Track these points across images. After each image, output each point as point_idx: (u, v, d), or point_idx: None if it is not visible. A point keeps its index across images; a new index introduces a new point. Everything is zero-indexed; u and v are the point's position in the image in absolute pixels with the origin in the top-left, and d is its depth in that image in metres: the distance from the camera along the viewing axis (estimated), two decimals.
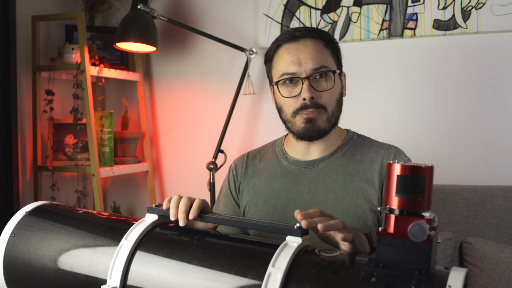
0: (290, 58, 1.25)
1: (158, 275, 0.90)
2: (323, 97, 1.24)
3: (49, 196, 2.30)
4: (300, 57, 1.24)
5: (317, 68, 1.23)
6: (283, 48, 1.28)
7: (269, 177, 1.34)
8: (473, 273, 1.81)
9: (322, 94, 1.24)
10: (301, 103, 1.24)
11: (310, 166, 1.31)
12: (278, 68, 1.28)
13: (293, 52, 1.25)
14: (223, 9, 2.49)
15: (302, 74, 1.23)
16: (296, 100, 1.25)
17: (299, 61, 1.24)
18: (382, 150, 1.30)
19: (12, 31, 2.17)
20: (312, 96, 1.22)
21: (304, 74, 1.23)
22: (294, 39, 1.26)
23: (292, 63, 1.24)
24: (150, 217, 1.01)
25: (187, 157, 2.58)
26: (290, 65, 1.24)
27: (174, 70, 2.60)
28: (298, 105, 1.24)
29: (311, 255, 0.85)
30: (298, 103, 1.24)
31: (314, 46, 1.26)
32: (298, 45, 1.25)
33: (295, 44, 1.26)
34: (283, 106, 1.28)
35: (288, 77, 1.25)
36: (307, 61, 1.23)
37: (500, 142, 2.10)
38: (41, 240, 1.03)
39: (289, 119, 1.28)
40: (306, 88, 1.22)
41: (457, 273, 0.74)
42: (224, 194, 1.43)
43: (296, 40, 1.26)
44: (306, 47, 1.25)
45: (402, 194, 0.75)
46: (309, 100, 1.22)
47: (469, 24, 2.10)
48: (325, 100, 1.25)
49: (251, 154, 1.44)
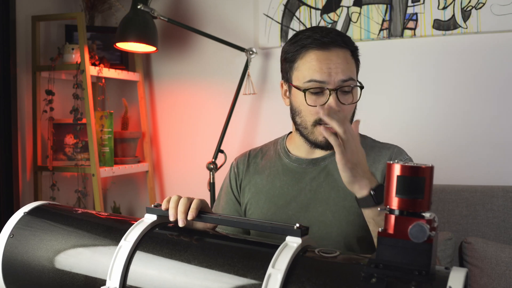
0: (320, 66, 1.23)
1: (157, 276, 0.90)
2: (345, 110, 1.24)
3: (49, 196, 2.30)
4: (330, 66, 1.22)
5: (345, 80, 1.23)
6: (312, 54, 1.25)
7: (270, 175, 1.35)
8: (473, 273, 1.81)
9: (345, 107, 1.24)
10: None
11: (313, 164, 1.31)
12: (305, 73, 1.25)
13: (324, 61, 1.23)
14: (223, 9, 2.49)
15: (330, 85, 1.22)
16: (319, 110, 1.23)
17: (329, 71, 1.22)
18: (384, 150, 1.31)
19: (12, 31, 2.17)
20: (338, 110, 1.21)
21: (333, 85, 1.22)
22: (324, 47, 1.24)
23: (322, 71, 1.22)
24: (149, 217, 1.01)
25: (187, 157, 2.58)
26: (319, 73, 1.22)
27: (174, 70, 2.60)
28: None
29: (311, 255, 0.85)
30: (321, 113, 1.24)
31: (344, 56, 1.24)
32: (329, 54, 1.23)
33: (325, 53, 1.24)
34: (303, 112, 1.27)
35: (316, 86, 1.23)
36: (338, 71, 1.22)
37: (501, 142, 2.09)
38: (40, 240, 1.03)
39: (307, 126, 1.27)
40: (333, 101, 1.21)
41: (458, 273, 0.74)
42: (225, 191, 1.43)
43: (326, 48, 1.24)
44: (337, 57, 1.23)
45: (402, 195, 0.75)
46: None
47: (469, 24, 2.09)
48: (347, 113, 1.25)
49: (253, 152, 1.44)
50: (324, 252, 0.86)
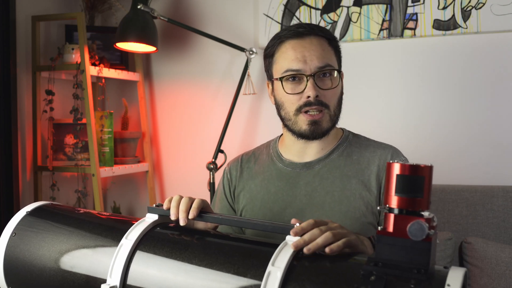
0: (295, 55, 1.23)
1: (158, 275, 0.90)
2: (326, 96, 1.24)
3: (49, 196, 2.30)
4: (305, 54, 1.23)
5: (322, 66, 1.23)
6: (287, 44, 1.26)
7: (264, 180, 1.32)
8: (473, 273, 1.81)
9: (326, 93, 1.23)
10: (305, 100, 1.22)
11: (306, 168, 1.29)
12: (282, 64, 1.26)
13: (298, 49, 1.23)
14: (223, 9, 2.49)
15: (307, 72, 1.22)
16: (299, 97, 1.23)
17: (304, 58, 1.22)
18: (379, 151, 1.29)
19: (12, 31, 2.17)
20: (317, 94, 1.21)
21: (309, 72, 1.22)
22: (299, 36, 1.25)
23: (297, 59, 1.23)
24: (150, 217, 1.02)
25: (187, 157, 2.59)
26: (295, 61, 1.23)
27: (174, 70, 2.60)
28: (301, 102, 1.23)
29: (310, 254, 0.85)
30: (301, 100, 1.23)
31: (319, 43, 1.25)
32: (303, 42, 1.24)
33: (299, 41, 1.24)
34: (285, 103, 1.27)
35: (293, 74, 1.23)
36: (313, 58, 1.22)
37: (500, 142, 2.10)
38: (42, 240, 1.03)
39: (290, 116, 1.26)
40: (311, 86, 1.21)
41: (456, 272, 0.75)
42: (219, 198, 1.41)
43: (300, 36, 1.25)
44: (311, 44, 1.24)
45: (402, 194, 0.75)
46: (314, 98, 1.21)
47: (469, 24, 2.10)
48: (329, 99, 1.24)
49: (245, 156, 1.42)
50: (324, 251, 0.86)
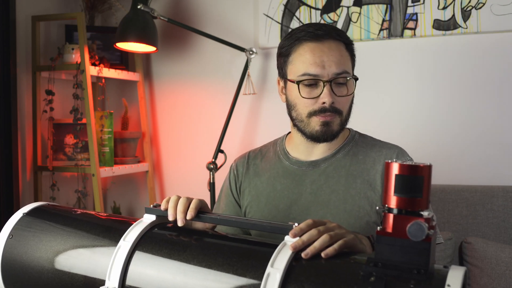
0: (314, 59, 1.23)
1: (156, 276, 0.90)
2: (341, 102, 1.24)
3: (49, 196, 2.30)
4: (324, 59, 1.22)
5: (339, 73, 1.22)
6: (305, 46, 1.25)
7: (271, 178, 1.33)
8: (473, 273, 1.81)
9: (340, 99, 1.24)
10: (320, 106, 1.22)
11: (313, 167, 1.30)
12: (299, 67, 1.25)
13: (317, 54, 1.23)
14: (223, 9, 2.49)
15: (324, 77, 1.22)
16: (313, 102, 1.23)
17: (322, 63, 1.22)
18: (385, 150, 1.29)
19: (12, 31, 2.17)
20: (332, 101, 1.22)
21: (327, 77, 1.22)
22: (317, 39, 1.24)
23: (316, 64, 1.22)
24: (148, 217, 1.01)
25: (187, 157, 2.58)
26: (313, 66, 1.22)
27: (174, 70, 2.60)
28: (316, 107, 1.23)
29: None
30: (316, 105, 1.23)
31: (337, 48, 1.24)
32: (322, 46, 1.23)
33: (318, 45, 1.23)
34: (298, 105, 1.26)
35: (310, 79, 1.23)
36: (331, 64, 1.22)
37: (500, 142, 2.09)
38: (39, 241, 1.03)
39: (302, 118, 1.26)
40: (328, 92, 1.21)
41: (456, 272, 0.74)
42: (225, 194, 1.42)
43: (319, 40, 1.24)
44: (330, 49, 1.23)
45: (401, 194, 0.75)
46: (329, 104, 1.22)
47: (469, 24, 2.09)
48: (343, 105, 1.25)
49: (252, 153, 1.43)
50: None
